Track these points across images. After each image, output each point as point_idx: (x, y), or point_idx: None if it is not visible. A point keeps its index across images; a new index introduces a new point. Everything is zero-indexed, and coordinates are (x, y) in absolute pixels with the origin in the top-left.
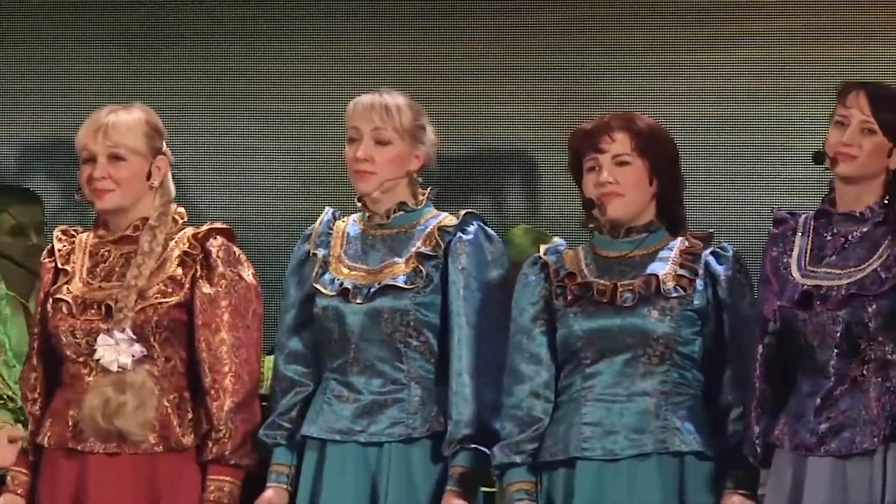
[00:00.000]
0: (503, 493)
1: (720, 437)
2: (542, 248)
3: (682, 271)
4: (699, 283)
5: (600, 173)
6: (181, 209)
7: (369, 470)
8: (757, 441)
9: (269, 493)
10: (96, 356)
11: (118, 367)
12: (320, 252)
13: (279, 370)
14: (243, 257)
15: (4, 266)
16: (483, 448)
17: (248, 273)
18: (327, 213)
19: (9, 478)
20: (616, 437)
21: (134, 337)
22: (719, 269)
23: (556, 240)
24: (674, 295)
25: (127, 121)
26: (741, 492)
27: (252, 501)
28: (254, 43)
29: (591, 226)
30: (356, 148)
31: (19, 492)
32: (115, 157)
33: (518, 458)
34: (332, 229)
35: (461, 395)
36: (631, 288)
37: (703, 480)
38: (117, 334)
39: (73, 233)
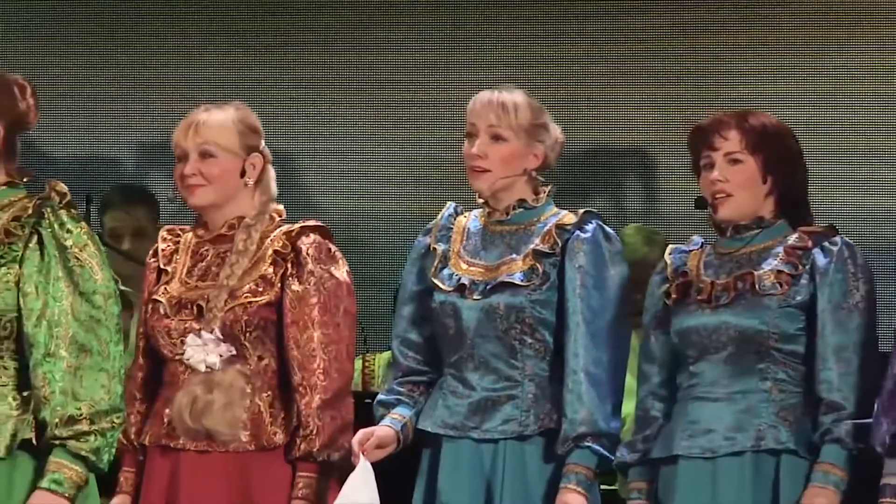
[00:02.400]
0: (626, 491)
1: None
2: (669, 247)
3: (783, 267)
4: (803, 279)
5: (712, 171)
6: (280, 207)
7: (484, 467)
8: (886, 430)
9: (375, 427)
10: (185, 356)
11: (206, 366)
12: (440, 246)
13: (398, 360)
14: (338, 254)
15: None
16: (597, 446)
17: (340, 271)
18: (449, 207)
19: (122, 479)
20: (714, 436)
21: (221, 337)
22: (822, 264)
23: (695, 238)
24: (770, 292)
25: (219, 118)
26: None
27: None
28: (372, 37)
29: (711, 223)
30: (472, 144)
31: (129, 490)
32: (205, 154)
33: (634, 458)
34: (453, 224)
35: (576, 393)
36: (727, 286)
37: (799, 478)
38: (205, 334)
39: (178, 232)
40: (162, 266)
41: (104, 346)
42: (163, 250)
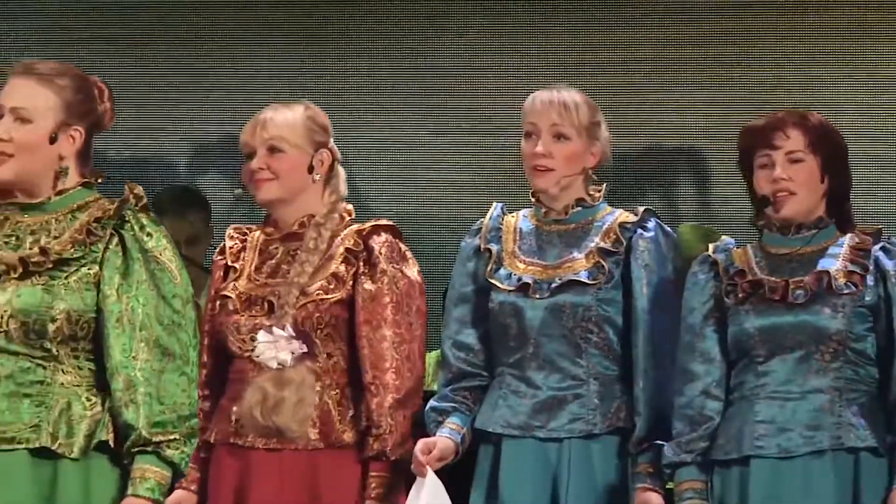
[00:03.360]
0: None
1: (894, 433)
2: (711, 246)
3: (852, 267)
4: (869, 279)
5: (773, 170)
6: (349, 206)
7: (549, 466)
8: None
9: (437, 438)
10: (255, 353)
11: (277, 363)
12: (493, 247)
13: (450, 362)
14: (408, 254)
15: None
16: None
17: (412, 270)
18: (496, 208)
19: None
20: (790, 435)
21: (293, 334)
22: (889, 265)
23: (725, 238)
24: (845, 291)
25: (286, 115)
26: None
27: None
28: (425, 42)
29: (760, 223)
30: (534, 143)
31: (192, 488)
32: (273, 149)
33: (688, 457)
34: (501, 224)
35: (646, 392)
36: (803, 285)
37: (878, 477)
38: (277, 331)
39: (245, 231)
40: (230, 263)
41: (185, 350)
42: (230, 248)
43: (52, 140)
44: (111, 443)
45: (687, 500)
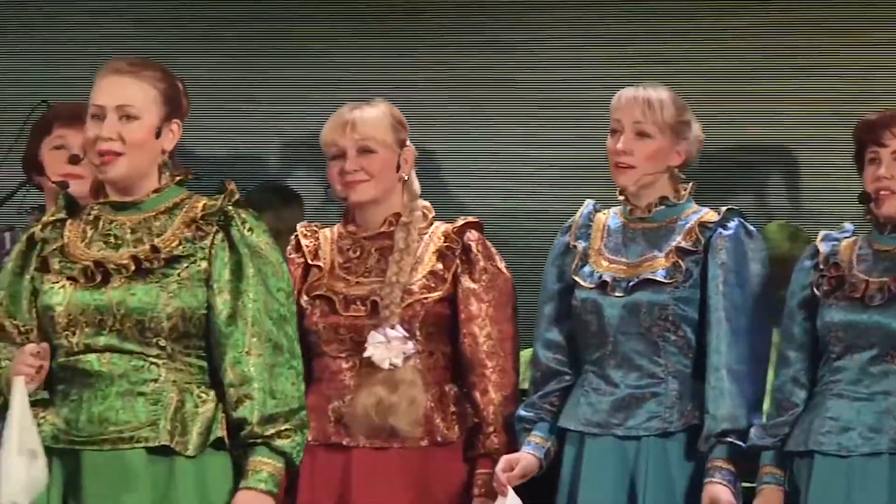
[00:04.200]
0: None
1: None
2: (821, 234)
3: None
4: None
5: (879, 167)
6: (428, 204)
7: (627, 464)
8: None
9: (520, 454)
10: (366, 353)
11: (389, 364)
12: (580, 244)
13: (539, 359)
14: (494, 250)
15: None
16: (740, 443)
17: (503, 266)
18: (588, 205)
19: None
20: (851, 434)
21: (407, 335)
22: None
23: (846, 225)
24: None
25: (373, 114)
26: None
27: None
28: (516, 35)
29: (868, 217)
30: (617, 140)
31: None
32: (365, 150)
33: (770, 442)
34: (591, 221)
35: (719, 389)
36: (882, 286)
37: None
38: (390, 332)
39: (315, 228)
40: (310, 262)
41: (291, 343)
42: (306, 246)
43: (158, 134)
44: (225, 439)
45: (764, 484)
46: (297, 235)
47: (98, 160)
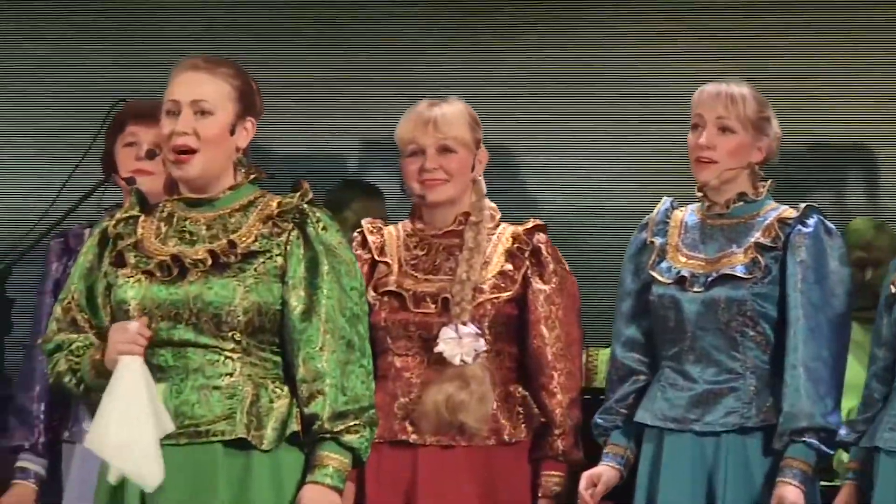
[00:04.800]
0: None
1: None
2: None
3: None
4: None
5: None
6: (493, 204)
7: (706, 460)
8: None
9: (600, 469)
10: (437, 349)
11: (460, 361)
12: (658, 240)
13: (616, 358)
14: (560, 253)
15: None
16: (815, 441)
17: (568, 269)
18: (665, 202)
19: None
20: None
21: (479, 332)
22: None
23: None
24: None
25: (454, 113)
26: None
27: None
28: (590, 31)
29: None
30: (699, 135)
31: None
32: (445, 150)
33: (852, 437)
34: (669, 218)
35: (794, 387)
36: None
37: None
38: (462, 328)
39: (380, 225)
40: (376, 258)
41: (362, 341)
42: (373, 242)
43: (232, 131)
44: (300, 434)
45: (847, 480)
46: (362, 232)
47: (173, 157)
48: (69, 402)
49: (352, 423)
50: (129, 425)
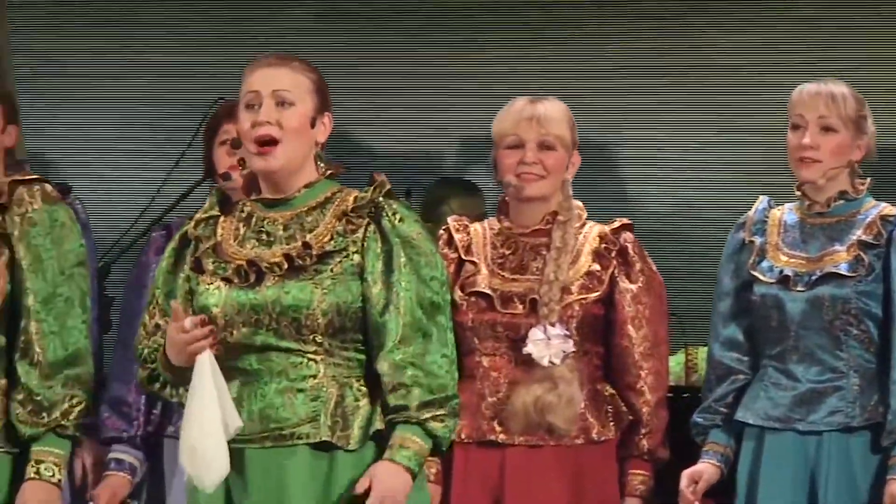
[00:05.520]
0: None
1: None
2: None
3: None
4: None
5: None
6: (580, 203)
7: (808, 459)
8: None
9: (701, 466)
10: (526, 350)
11: (548, 362)
12: (757, 240)
13: (715, 357)
14: (646, 252)
15: None
16: None
17: (655, 268)
18: (762, 201)
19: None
20: None
21: (567, 333)
22: None
23: None
24: None
25: (557, 111)
26: None
27: None
28: (691, 36)
29: None
30: (801, 135)
31: (432, 479)
32: (546, 146)
33: None
34: (767, 217)
35: None
36: None
37: None
38: (550, 329)
39: (466, 223)
40: (463, 257)
41: (443, 332)
42: (460, 240)
43: (313, 124)
44: (383, 431)
45: None
46: (448, 230)
47: (255, 148)
48: None
49: (438, 412)
50: (196, 426)
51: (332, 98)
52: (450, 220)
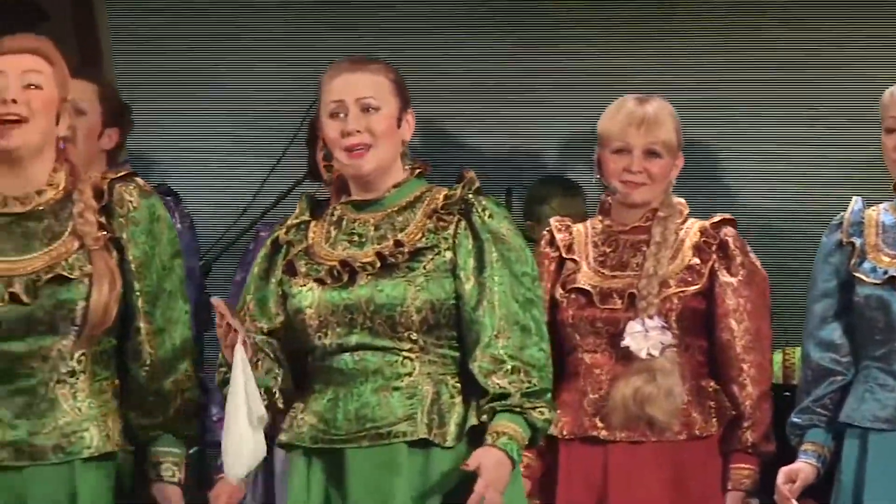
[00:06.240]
0: None
1: None
2: None
3: None
4: None
5: None
6: (682, 200)
7: None
8: None
9: (798, 465)
10: (624, 343)
11: (646, 354)
12: (856, 241)
13: (812, 358)
14: (749, 247)
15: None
16: None
17: (758, 263)
18: (857, 202)
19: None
20: None
21: (665, 325)
22: None
23: None
24: None
25: (664, 115)
26: None
27: None
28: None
29: None
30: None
31: (525, 473)
32: (652, 153)
33: None
34: (863, 218)
35: None
36: None
37: None
38: (648, 322)
39: (568, 223)
40: (564, 255)
41: (538, 326)
42: (561, 240)
43: (398, 124)
44: (477, 427)
45: None
46: (550, 230)
47: (346, 157)
48: None
49: (539, 404)
50: (229, 417)
51: (433, 99)
52: (552, 220)
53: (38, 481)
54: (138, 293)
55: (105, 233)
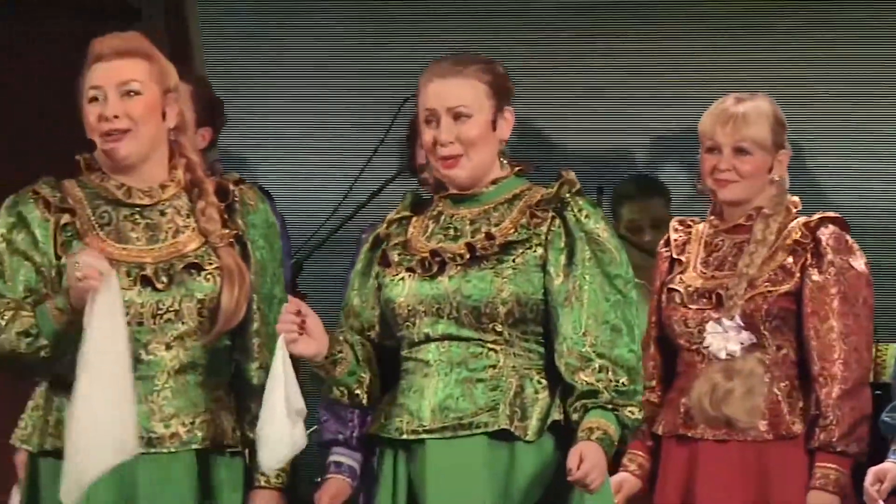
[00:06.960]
0: None
1: None
2: None
3: None
4: None
5: None
6: (796, 199)
7: None
8: None
9: (887, 465)
10: (705, 343)
11: (726, 354)
12: None
13: None
14: (855, 247)
15: (635, 255)
16: None
17: (859, 262)
18: None
19: (626, 459)
20: None
21: (742, 324)
22: None
23: None
24: None
25: (757, 113)
26: None
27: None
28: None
29: None
30: None
31: (637, 473)
32: (740, 151)
33: None
34: None
35: None
36: None
37: None
38: (725, 322)
39: (689, 223)
40: (675, 256)
41: (630, 328)
42: (675, 240)
43: (494, 127)
44: (561, 422)
45: None
46: (670, 230)
47: (441, 165)
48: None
49: (630, 404)
50: (266, 410)
51: (525, 97)
52: (674, 220)
53: (151, 468)
54: (256, 294)
55: (229, 230)
